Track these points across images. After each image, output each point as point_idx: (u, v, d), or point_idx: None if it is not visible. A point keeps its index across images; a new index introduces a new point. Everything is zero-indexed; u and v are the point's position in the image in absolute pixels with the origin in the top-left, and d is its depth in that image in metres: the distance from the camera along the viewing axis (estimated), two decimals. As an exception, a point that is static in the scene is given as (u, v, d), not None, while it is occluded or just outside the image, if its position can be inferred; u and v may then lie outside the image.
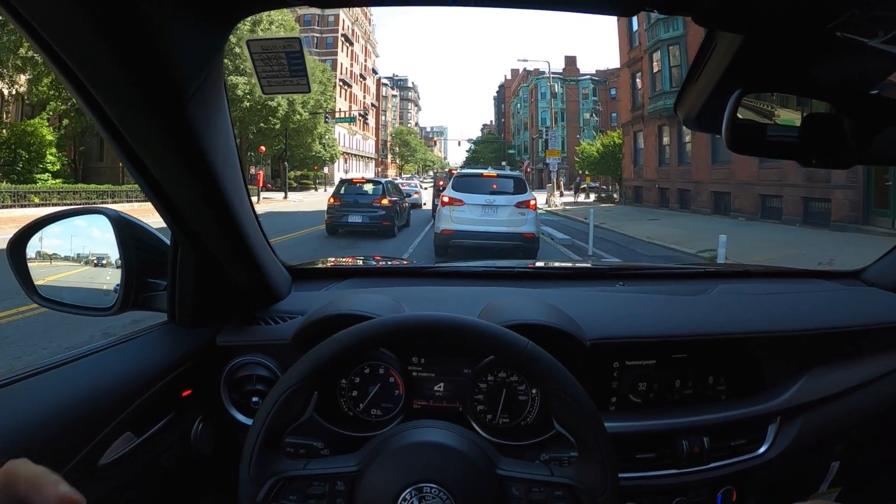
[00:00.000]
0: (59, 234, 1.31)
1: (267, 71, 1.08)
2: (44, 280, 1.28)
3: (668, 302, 1.56)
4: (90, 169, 28.54)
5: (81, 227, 1.32)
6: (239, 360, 1.35)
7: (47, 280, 1.29)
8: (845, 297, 1.68)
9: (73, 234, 1.33)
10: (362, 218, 15.58)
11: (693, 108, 0.92)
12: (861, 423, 1.48)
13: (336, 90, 56.68)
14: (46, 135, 23.60)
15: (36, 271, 1.27)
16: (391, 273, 1.96)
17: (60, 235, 1.31)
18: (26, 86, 24.89)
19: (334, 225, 15.83)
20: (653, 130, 29.60)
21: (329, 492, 0.94)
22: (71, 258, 1.33)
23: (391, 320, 1.01)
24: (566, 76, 74.53)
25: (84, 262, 1.32)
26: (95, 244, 1.31)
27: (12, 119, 25.12)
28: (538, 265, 2.08)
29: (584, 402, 0.96)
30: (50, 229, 1.29)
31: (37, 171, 23.38)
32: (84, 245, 1.33)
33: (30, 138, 23.21)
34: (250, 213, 1.23)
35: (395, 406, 1.35)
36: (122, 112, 0.87)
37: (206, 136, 0.96)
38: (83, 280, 1.32)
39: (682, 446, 1.30)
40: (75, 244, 1.33)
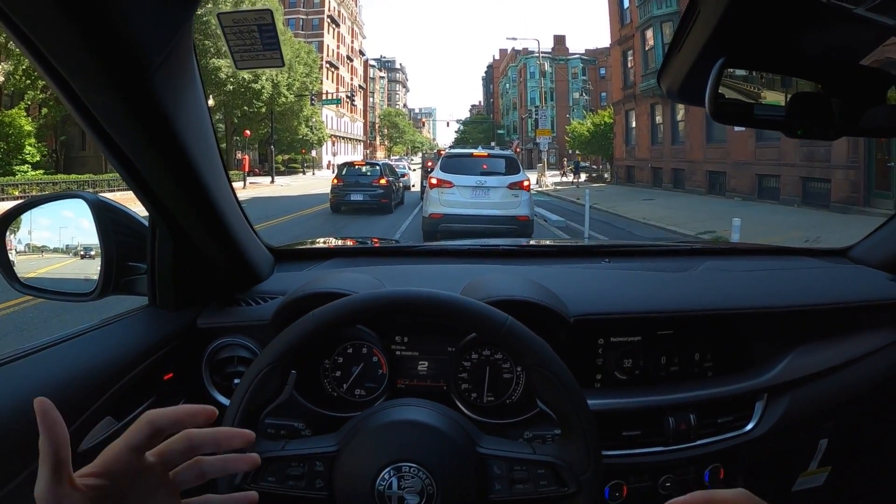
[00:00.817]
0: (39, 220, 1.29)
1: (239, 45, 1.06)
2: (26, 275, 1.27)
3: (653, 278, 1.55)
4: (72, 159, 28.09)
5: (60, 212, 1.30)
6: (220, 342, 1.34)
7: (30, 275, 1.27)
8: (832, 275, 1.67)
9: (53, 220, 1.31)
10: (363, 196, 17.71)
11: (676, 79, 0.90)
12: (848, 401, 1.47)
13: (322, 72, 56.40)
14: (25, 125, 23.18)
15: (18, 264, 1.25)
16: (375, 253, 1.95)
17: (39, 222, 1.30)
18: (2, 76, 24.48)
19: (338, 203, 17.93)
20: (645, 109, 29.51)
21: (308, 472, 0.93)
22: (51, 244, 1.31)
23: (367, 296, 0.99)
24: (555, 55, 74.37)
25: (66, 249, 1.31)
26: (75, 229, 1.29)
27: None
28: (523, 243, 2.07)
29: (565, 378, 0.94)
30: (29, 216, 1.27)
31: (16, 162, 23.02)
32: (63, 231, 1.31)
33: (8, 129, 22.80)
34: (228, 192, 1.21)
35: (378, 386, 1.34)
36: (84, 84, 0.85)
37: (175, 111, 0.94)
38: (64, 268, 1.30)
39: (668, 423, 1.29)
40: (55, 230, 1.31)
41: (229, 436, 0.69)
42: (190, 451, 0.67)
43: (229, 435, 0.69)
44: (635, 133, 31.26)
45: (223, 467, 0.70)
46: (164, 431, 0.64)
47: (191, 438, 0.66)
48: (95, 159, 26.62)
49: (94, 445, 1.01)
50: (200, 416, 0.65)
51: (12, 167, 22.76)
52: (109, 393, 1.06)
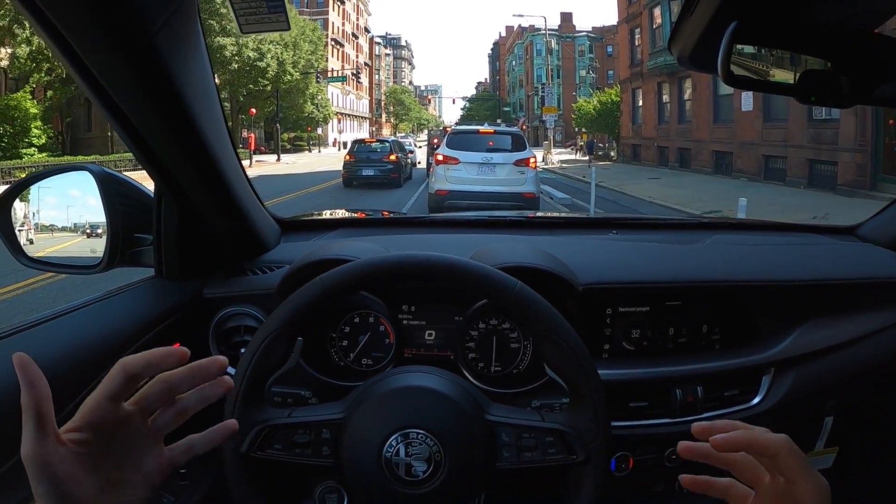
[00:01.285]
0: (46, 194, 1.29)
1: (244, 8, 1.04)
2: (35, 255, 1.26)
3: (661, 249, 1.55)
4: (78, 140, 27.93)
5: (67, 185, 1.29)
6: (226, 312, 1.34)
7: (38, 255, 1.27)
8: (840, 251, 1.66)
9: (61, 193, 1.30)
10: (374, 171, 18.98)
11: (688, 43, 0.89)
12: (854, 379, 1.47)
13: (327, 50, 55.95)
14: (30, 108, 22.98)
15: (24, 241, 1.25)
16: (383, 223, 1.94)
17: (47, 195, 1.29)
18: (7, 60, 24.37)
19: (350, 178, 19.10)
20: (652, 88, 29.21)
21: (314, 439, 0.93)
22: (58, 222, 1.31)
23: (375, 260, 0.98)
24: (562, 33, 73.67)
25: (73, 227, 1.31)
26: (80, 202, 1.28)
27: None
28: (530, 214, 2.06)
29: (576, 345, 0.94)
30: (35, 189, 1.27)
31: (22, 145, 22.89)
32: (72, 205, 1.30)
33: (13, 112, 22.61)
34: (234, 159, 1.20)
35: (385, 355, 1.34)
36: (86, 46, 0.83)
37: (179, 73, 0.92)
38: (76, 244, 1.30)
39: (675, 395, 1.29)
40: (60, 202, 1.31)
41: (203, 367, 0.69)
42: (167, 393, 0.67)
43: (203, 367, 0.69)
44: (642, 111, 30.99)
45: (200, 397, 0.69)
46: (139, 377, 0.64)
47: (165, 381, 0.66)
48: (101, 141, 26.56)
49: None
50: (173, 358, 0.65)
51: (18, 150, 22.63)
52: None
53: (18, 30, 22.13)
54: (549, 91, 37.13)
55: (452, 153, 10.81)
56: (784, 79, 0.89)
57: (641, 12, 29.90)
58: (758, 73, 0.88)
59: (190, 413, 0.70)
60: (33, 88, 24.07)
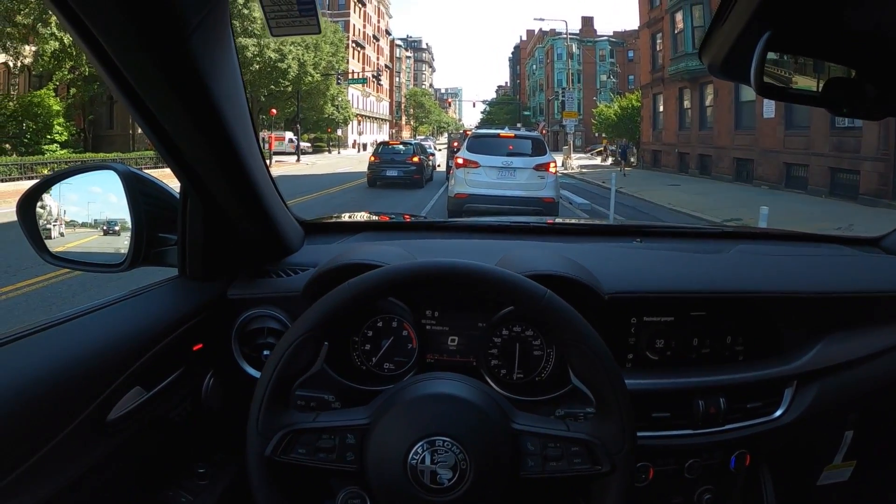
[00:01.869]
0: (70, 191, 1.30)
1: (276, 11, 1.04)
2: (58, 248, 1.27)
3: (686, 259, 1.53)
4: (100, 137, 28.33)
5: (91, 183, 1.30)
6: (250, 313, 1.34)
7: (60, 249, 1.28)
8: (864, 263, 1.64)
9: (84, 191, 1.31)
10: (398, 172, 19.72)
11: (720, 52, 0.88)
12: (876, 392, 1.45)
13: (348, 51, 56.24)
14: (53, 105, 23.36)
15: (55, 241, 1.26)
16: (405, 227, 1.94)
17: (71, 193, 1.30)
18: (31, 57, 24.74)
19: (374, 178, 19.90)
20: (673, 93, 29.03)
21: (339, 445, 0.93)
22: (80, 219, 1.31)
23: (403, 266, 0.98)
24: (583, 37, 73.47)
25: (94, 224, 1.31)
26: (105, 201, 1.29)
27: (20, 91, 24.92)
28: (554, 221, 2.06)
29: (603, 355, 0.93)
30: (60, 187, 1.28)
31: (44, 142, 23.21)
32: (94, 202, 1.31)
33: (36, 109, 22.98)
34: (260, 161, 1.20)
35: (408, 360, 1.34)
36: (120, 46, 0.84)
37: (211, 75, 0.93)
38: (94, 241, 1.31)
39: (698, 406, 1.28)
40: (86, 201, 1.31)
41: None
42: None
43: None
44: (662, 117, 30.80)
45: None
46: None
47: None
48: (123, 138, 26.92)
49: (122, 415, 1.02)
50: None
51: (41, 146, 22.94)
52: (139, 363, 1.06)
53: (43, 28, 22.48)
54: (570, 95, 36.94)
55: (473, 157, 10.80)
56: (815, 89, 0.88)
57: (663, 17, 29.73)
58: (789, 83, 0.86)
59: None
60: (56, 86, 24.46)
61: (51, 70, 24.49)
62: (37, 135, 23.17)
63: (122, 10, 0.78)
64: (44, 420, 0.89)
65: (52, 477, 0.89)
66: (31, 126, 23.07)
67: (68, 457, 0.92)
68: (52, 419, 0.90)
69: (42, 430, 0.89)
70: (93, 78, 24.24)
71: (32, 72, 25.72)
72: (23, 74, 25.56)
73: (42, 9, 21.47)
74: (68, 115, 25.22)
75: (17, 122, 23.07)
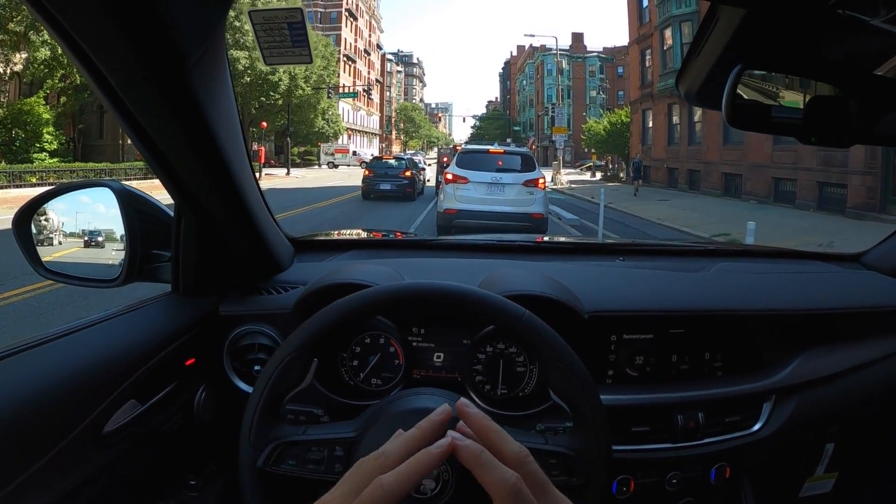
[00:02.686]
0: (64, 208, 1.32)
1: (269, 42, 1.08)
2: (51, 257, 1.29)
3: (667, 277, 1.57)
4: (90, 147, 28.13)
5: (86, 200, 1.32)
6: (241, 330, 1.37)
7: (54, 257, 1.30)
8: (844, 280, 1.67)
9: (78, 208, 1.33)
10: (390, 185, 20.68)
11: (694, 83, 0.92)
12: (855, 406, 1.48)
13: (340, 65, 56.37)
14: (43, 113, 23.24)
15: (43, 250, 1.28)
16: (393, 245, 1.96)
17: (65, 210, 1.32)
18: (22, 64, 24.64)
19: (368, 191, 20.85)
20: (662, 109, 29.29)
21: (327, 457, 0.95)
22: (76, 234, 1.33)
23: (389, 288, 1.01)
24: (573, 53, 74.09)
25: (88, 238, 1.33)
26: (100, 217, 1.31)
27: (10, 98, 24.73)
28: (541, 239, 2.08)
29: (579, 371, 0.96)
30: (54, 204, 1.30)
31: (34, 150, 23.09)
32: (89, 219, 1.33)
33: (26, 117, 22.89)
34: (253, 182, 1.23)
35: (394, 376, 1.36)
36: (123, 80, 0.87)
37: (209, 105, 0.96)
38: (89, 255, 1.33)
39: (677, 421, 1.30)
40: (80, 218, 1.33)
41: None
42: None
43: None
44: (652, 133, 31.05)
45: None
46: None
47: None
48: (112, 148, 26.76)
49: (118, 427, 1.04)
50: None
51: (30, 155, 22.80)
52: (133, 377, 1.08)
53: (34, 36, 22.41)
54: (560, 111, 37.17)
55: (462, 172, 10.79)
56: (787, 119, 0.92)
57: (652, 34, 30.04)
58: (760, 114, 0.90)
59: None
60: (47, 94, 24.28)
61: (42, 78, 24.36)
62: (26, 143, 23.01)
63: (127, 47, 0.81)
64: (41, 432, 0.91)
65: (48, 488, 0.91)
66: (20, 134, 22.92)
67: (65, 468, 0.94)
68: (49, 431, 0.92)
69: (39, 441, 0.91)
70: (83, 87, 24.05)
71: (23, 79, 25.59)
72: (13, 81, 25.41)
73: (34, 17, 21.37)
74: (58, 123, 25.06)
75: (7, 130, 22.94)
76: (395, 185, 20.72)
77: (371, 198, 20.50)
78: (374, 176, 21.12)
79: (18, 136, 22.89)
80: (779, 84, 0.92)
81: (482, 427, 0.71)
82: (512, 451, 0.68)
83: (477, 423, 0.71)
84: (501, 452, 0.68)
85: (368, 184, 20.97)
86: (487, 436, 0.70)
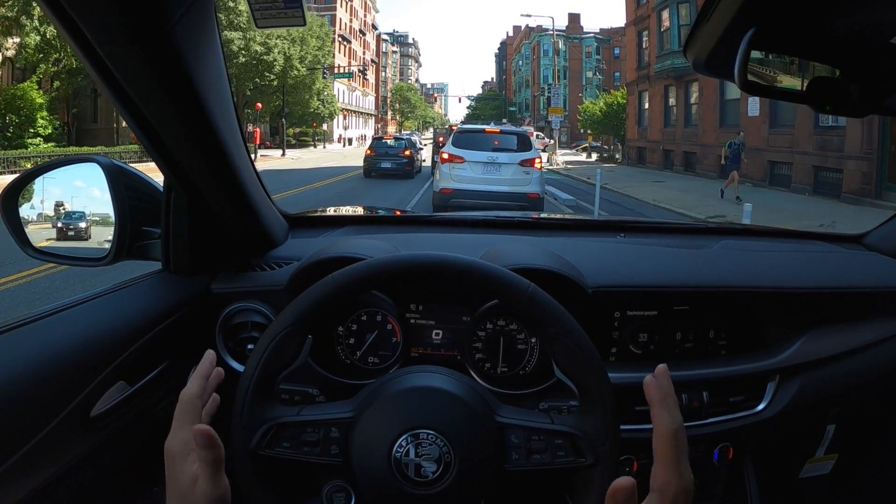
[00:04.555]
0: (52, 185, 1.28)
1: (261, 3, 1.04)
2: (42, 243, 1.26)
3: (670, 254, 1.55)
4: (84, 131, 27.83)
5: (74, 177, 1.29)
6: (234, 307, 1.34)
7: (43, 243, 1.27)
8: (846, 260, 1.66)
9: (67, 184, 1.30)
10: (391, 164, 22.28)
11: (704, 49, 0.88)
12: (858, 387, 1.47)
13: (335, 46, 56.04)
14: (36, 98, 23.02)
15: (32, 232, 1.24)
16: (390, 221, 1.94)
17: (53, 186, 1.28)
18: (15, 49, 24.37)
19: (370, 169, 22.29)
20: (659, 91, 29.16)
21: (323, 438, 0.92)
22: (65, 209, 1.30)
23: (387, 259, 0.97)
24: (569, 34, 73.80)
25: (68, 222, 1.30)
26: (88, 194, 1.28)
27: (3, 84, 24.42)
28: (539, 216, 2.05)
29: (587, 348, 0.93)
30: (42, 180, 1.26)
31: (28, 135, 22.87)
32: (77, 196, 1.30)
33: (20, 102, 22.64)
34: (244, 154, 1.19)
35: (392, 354, 1.34)
36: (103, 37, 0.83)
37: (195, 67, 0.92)
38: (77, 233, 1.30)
39: (681, 400, 1.29)
40: (69, 195, 1.30)
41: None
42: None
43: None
44: (648, 114, 30.94)
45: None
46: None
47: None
48: (107, 132, 26.58)
49: (106, 410, 1.02)
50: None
51: (24, 140, 22.59)
52: (122, 357, 1.06)
53: (26, 20, 22.19)
54: (556, 92, 36.95)
55: (458, 152, 10.77)
56: (798, 87, 0.89)
57: (650, 15, 29.84)
58: (773, 80, 0.87)
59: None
60: (40, 79, 24.14)
61: (35, 63, 24.17)
62: (20, 128, 22.79)
63: (105, 3, 0.77)
64: (27, 415, 0.89)
65: (36, 472, 0.89)
66: (14, 119, 22.69)
67: (52, 452, 0.91)
68: (35, 414, 0.90)
69: (25, 425, 0.88)
70: (77, 71, 23.98)
71: (16, 64, 25.35)
72: (5, 67, 25.18)
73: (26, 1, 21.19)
74: (52, 108, 24.83)
75: (0, 116, 22.71)
76: (394, 164, 22.25)
77: (372, 175, 21.93)
78: (376, 155, 22.58)
79: (12, 121, 22.65)
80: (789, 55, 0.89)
81: (668, 389, 0.80)
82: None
83: (667, 384, 0.80)
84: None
85: (370, 162, 22.39)
86: (669, 393, 0.79)
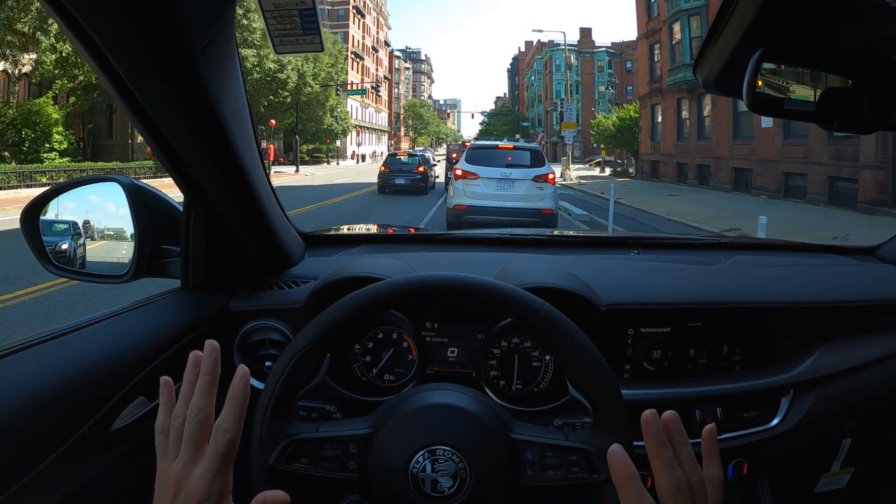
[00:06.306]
0: (73, 205, 1.31)
1: (279, 29, 1.06)
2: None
3: (683, 270, 1.54)
4: (99, 147, 28.32)
5: (94, 195, 1.31)
6: (252, 325, 1.35)
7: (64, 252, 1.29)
8: (860, 273, 1.65)
9: (87, 203, 1.32)
10: (405, 180, 22.41)
11: (713, 69, 0.89)
12: (873, 401, 1.46)
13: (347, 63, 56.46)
14: (52, 113, 23.42)
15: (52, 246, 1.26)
16: (405, 240, 1.95)
17: (74, 206, 1.31)
18: (31, 65, 24.78)
19: (384, 185, 22.54)
20: (671, 103, 29.09)
21: (341, 454, 0.94)
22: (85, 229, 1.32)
23: (404, 280, 0.99)
24: (581, 48, 73.91)
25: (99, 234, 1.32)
26: (108, 213, 1.30)
27: (19, 99, 24.90)
28: (553, 233, 2.06)
29: (601, 366, 0.94)
30: (63, 199, 1.29)
31: (43, 150, 23.27)
32: (97, 214, 1.32)
33: (35, 117, 23.07)
34: (263, 176, 1.21)
35: (408, 371, 1.35)
36: (130, 67, 0.85)
37: (217, 94, 0.94)
38: (98, 251, 1.32)
39: (695, 416, 1.29)
40: (89, 213, 1.32)
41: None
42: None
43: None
44: (661, 128, 30.83)
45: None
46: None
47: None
48: (122, 147, 26.93)
49: (126, 425, 1.03)
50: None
51: (40, 154, 22.97)
52: (142, 374, 1.07)
53: (42, 37, 22.56)
54: (568, 106, 36.94)
55: (471, 168, 10.77)
56: (806, 106, 0.89)
57: (661, 28, 29.83)
58: (781, 101, 0.88)
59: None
60: (56, 94, 24.50)
61: (51, 79, 24.54)
62: (36, 143, 23.21)
63: (133, 33, 0.79)
64: (49, 429, 0.90)
65: (56, 486, 0.90)
66: (29, 134, 23.11)
67: (73, 466, 0.93)
68: (57, 428, 0.91)
69: (47, 439, 0.90)
70: (92, 87, 24.31)
71: (32, 80, 25.75)
72: (21, 82, 25.59)
73: (42, 17, 21.55)
74: (67, 123, 25.25)
75: (17, 131, 23.11)
76: (409, 180, 22.34)
77: (386, 192, 22.05)
78: (390, 171, 22.82)
79: (28, 136, 23.06)
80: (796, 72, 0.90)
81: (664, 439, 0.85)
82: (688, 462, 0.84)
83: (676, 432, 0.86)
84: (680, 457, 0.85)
85: (384, 179, 22.61)
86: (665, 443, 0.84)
